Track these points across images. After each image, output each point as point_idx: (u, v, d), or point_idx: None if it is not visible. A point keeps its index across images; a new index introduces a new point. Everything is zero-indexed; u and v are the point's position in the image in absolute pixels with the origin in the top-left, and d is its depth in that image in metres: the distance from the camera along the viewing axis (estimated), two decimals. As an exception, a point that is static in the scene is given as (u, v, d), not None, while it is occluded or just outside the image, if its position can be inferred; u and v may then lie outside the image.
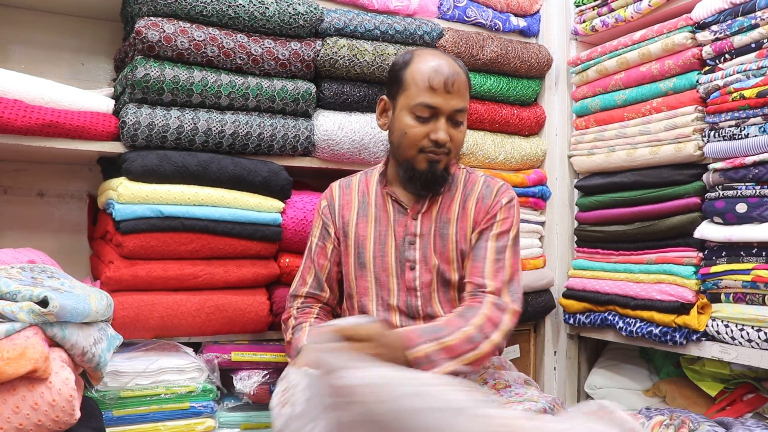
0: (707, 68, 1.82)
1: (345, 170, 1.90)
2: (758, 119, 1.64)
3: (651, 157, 1.93)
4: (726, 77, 1.73)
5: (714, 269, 1.74)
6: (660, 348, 1.90)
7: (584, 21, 2.21)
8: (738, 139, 1.69)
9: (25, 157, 1.81)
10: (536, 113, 2.26)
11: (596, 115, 2.16)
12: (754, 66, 1.67)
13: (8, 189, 1.87)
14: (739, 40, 1.71)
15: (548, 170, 2.28)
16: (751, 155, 1.66)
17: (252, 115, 1.75)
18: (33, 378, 1.07)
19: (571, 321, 2.17)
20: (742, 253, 1.68)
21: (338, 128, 1.86)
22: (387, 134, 1.56)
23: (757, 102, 1.63)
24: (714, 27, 1.78)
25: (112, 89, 1.78)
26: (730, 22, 1.73)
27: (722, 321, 1.72)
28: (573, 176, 2.28)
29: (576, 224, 2.24)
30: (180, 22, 1.64)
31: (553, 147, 2.27)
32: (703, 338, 1.78)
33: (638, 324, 1.91)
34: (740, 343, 1.68)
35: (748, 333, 1.66)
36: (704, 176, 1.81)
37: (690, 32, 1.84)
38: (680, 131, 1.85)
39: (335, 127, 1.85)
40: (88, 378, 1.34)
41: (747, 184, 1.69)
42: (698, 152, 1.81)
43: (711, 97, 1.76)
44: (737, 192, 1.70)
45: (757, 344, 1.64)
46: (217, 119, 1.69)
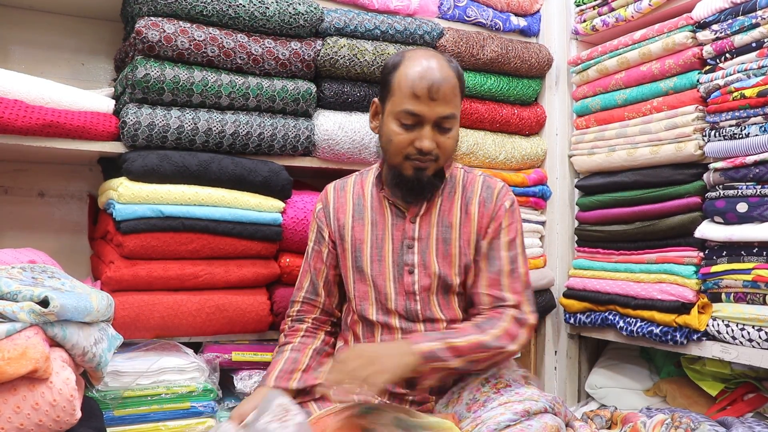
0: (708, 68, 1.82)
1: (345, 170, 1.89)
2: (759, 118, 1.64)
3: (651, 157, 1.93)
4: (726, 76, 1.73)
5: (715, 269, 1.74)
6: (661, 348, 1.90)
7: (585, 20, 2.21)
8: (738, 139, 1.69)
9: (26, 158, 1.82)
10: (536, 113, 2.26)
11: (597, 115, 2.16)
12: (755, 65, 1.67)
13: (9, 189, 1.87)
14: (740, 40, 1.71)
15: (549, 170, 2.28)
16: (752, 155, 1.66)
17: (252, 115, 1.75)
18: (34, 378, 1.07)
19: (572, 321, 2.17)
20: (743, 253, 1.68)
21: (338, 128, 1.86)
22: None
23: (758, 101, 1.63)
24: (714, 26, 1.78)
25: (113, 89, 1.78)
26: (731, 22, 1.73)
27: (723, 320, 1.72)
28: (573, 176, 2.28)
29: (576, 224, 2.24)
30: (180, 22, 1.64)
31: (554, 147, 2.27)
32: (704, 338, 1.78)
33: (639, 324, 1.91)
34: (741, 343, 1.68)
35: (749, 332, 1.65)
36: (705, 176, 1.81)
37: (690, 31, 1.84)
38: (681, 131, 1.85)
39: (335, 127, 1.85)
40: (89, 378, 1.34)
41: (748, 184, 1.68)
42: (699, 152, 1.81)
43: (711, 97, 1.76)
44: (738, 191, 1.70)
45: (758, 344, 1.64)
46: (218, 119, 1.69)
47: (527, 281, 1.50)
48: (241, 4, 1.70)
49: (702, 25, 1.82)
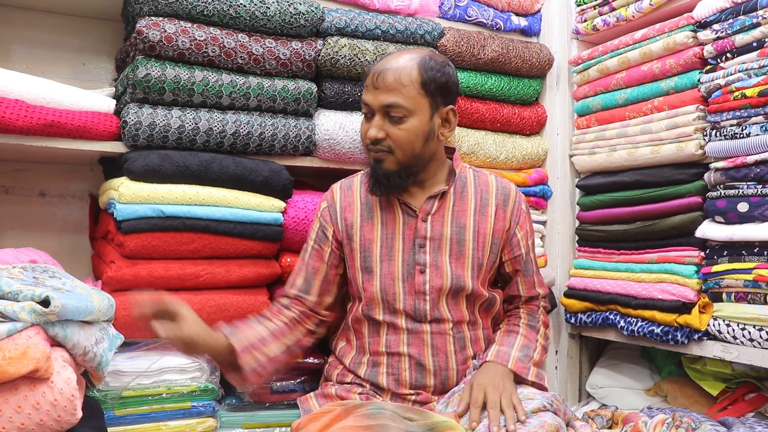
0: (709, 67, 1.82)
1: (346, 170, 1.90)
2: (760, 118, 1.64)
3: (652, 157, 1.93)
4: (727, 76, 1.73)
5: (715, 268, 1.74)
6: (661, 347, 1.90)
7: (585, 20, 2.21)
8: (739, 138, 1.69)
9: (27, 157, 1.82)
10: (537, 112, 2.26)
11: (597, 115, 2.16)
12: (756, 65, 1.67)
13: (10, 189, 1.87)
14: (741, 39, 1.71)
15: (549, 169, 2.28)
16: (753, 154, 1.66)
17: (253, 115, 1.75)
18: (35, 378, 1.07)
19: (573, 320, 2.17)
20: (744, 253, 1.68)
21: (339, 128, 1.86)
22: None
23: (759, 101, 1.63)
24: (715, 26, 1.78)
25: (114, 89, 1.78)
26: (732, 21, 1.73)
27: (724, 320, 1.72)
28: (574, 175, 2.28)
29: (577, 223, 2.24)
30: (181, 22, 1.64)
31: (554, 146, 2.27)
32: (705, 337, 1.77)
33: (640, 323, 1.91)
34: (742, 343, 1.68)
35: (750, 332, 1.65)
36: (706, 175, 1.81)
37: (691, 31, 1.84)
38: (681, 130, 1.85)
39: (336, 127, 1.85)
40: (90, 377, 1.34)
41: (748, 183, 1.68)
42: (700, 151, 1.81)
43: (712, 96, 1.76)
44: (739, 191, 1.70)
45: (759, 343, 1.64)
46: (219, 119, 1.69)
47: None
48: (242, 4, 1.70)
49: (703, 25, 1.82)
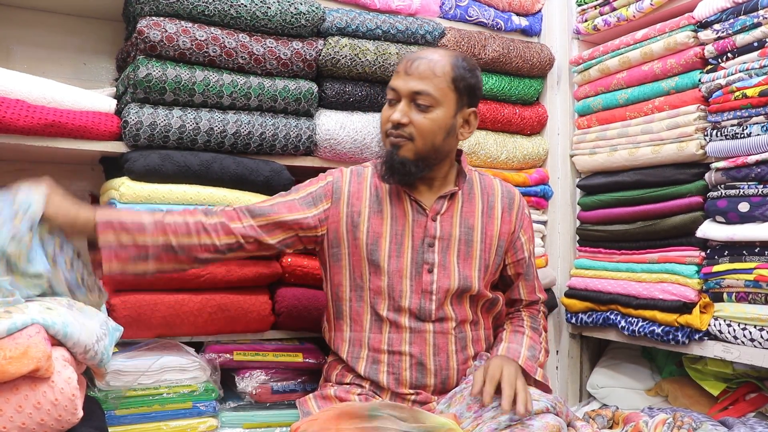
0: (709, 67, 1.82)
1: (347, 170, 1.90)
2: (761, 118, 1.64)
3: (653, 157, 1.93)
4: (728, 76, 1.73)
5: (716, 268, 1.73)
6: (662, 347, 1.90)
7: (586, 20, 2.21)
8: (740, 138, 1.69)
9: (28, 157, 1.82)
10: (538, 112, 2.26)
11: (598, 115, 2.16)
12: (757, 65, 1.67)
13: (11, 189, 1.87)
14: (742, 39, 1.71)
15: (550, 169, 2.28)
16: (754, 154, 1.66)
17: (254, 115, 1.75)
18: (35, 377, 1.08)
19: (574, 320, 2.17)
20: (745, 253, 1.68)
21: (340, 128, 1.86)
22: None
23: (760, 101, 1.63)
24: (716, 26, 1.78)
25: (114, 89, 1.78)
26: (733, 21, 1.73)
27: (725, 320, 1.72)
28: (575, 175, 2.28)
29: (578, 223, 2.24)
30: (182, 22, 1.64)
31: (555, 146, 2.27)
32: (706, 337, 1.77)
33: (640, 323, 1.91)
34: (743, 343, 1.68)
35: (751, 332, 1.65)
36: (706, 175, 1.81)
37: (692, 31, 1.84)
38: (682, 130, 1.84)
39: (337, 127, 1.85)
40: (92, 376, 1.34)
41: (749, 183, 1.68)
42: (700, 151, 1.81)
43: (713, 96, 1.76)
44: (739, 191, 1.69)
45: (760, 343, 1.64)
46: (219, 119, 1.69)
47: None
48: (243, 4, 1.70)
49: (703, 25, 1.82)
